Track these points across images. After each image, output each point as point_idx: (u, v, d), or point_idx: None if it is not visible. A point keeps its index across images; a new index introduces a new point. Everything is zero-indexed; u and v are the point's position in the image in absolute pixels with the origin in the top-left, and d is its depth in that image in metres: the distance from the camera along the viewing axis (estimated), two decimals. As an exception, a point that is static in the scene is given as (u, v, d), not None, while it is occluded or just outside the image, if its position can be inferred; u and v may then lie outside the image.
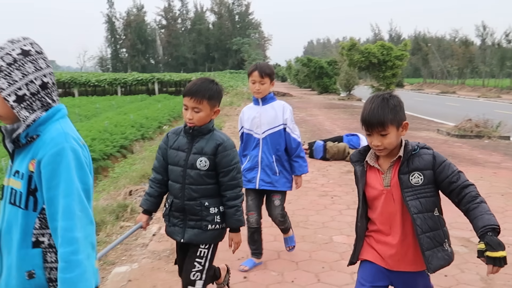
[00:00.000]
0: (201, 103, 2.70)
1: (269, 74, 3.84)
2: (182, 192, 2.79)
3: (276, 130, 3.91)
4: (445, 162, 2.26)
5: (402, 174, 2.26)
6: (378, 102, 2.22)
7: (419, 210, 2.23)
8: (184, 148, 2.81)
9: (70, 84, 36.76)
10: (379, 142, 2.22)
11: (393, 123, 2.20)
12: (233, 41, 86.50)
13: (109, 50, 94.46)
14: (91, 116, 19.16)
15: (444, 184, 2.24)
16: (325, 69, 37.24)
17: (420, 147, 2.30)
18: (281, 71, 78.10)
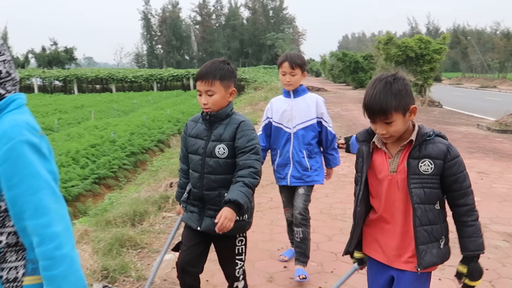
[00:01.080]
0: (213, 85, 2.56)
1: (300, 65, 3.59)
2: (201, 181, 2.65)
3: (309, 124, 3.70)
4: (458, 158, 2.08)
5: (412, 159, 2.08)
6: (381, 87, 2.00)
7: (421, 200, 2.07)
8: (202, 136, 2.68)
9: (108, 80, 37.58)
10: (383, 130, 2.04)
11: (398, 110, 1.98)
12: (267, 36, 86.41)
13: (145, 46, 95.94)
14: (128, 112, 19.60)
15: (448, 181, 2.07)
16: (361, 64, 36.85)
17: (436, 134, 2.11)
18: (315, 66, 77.65)
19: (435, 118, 16.24)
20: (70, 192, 7.53)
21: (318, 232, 4.76)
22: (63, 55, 57.53)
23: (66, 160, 8.76)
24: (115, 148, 10.54)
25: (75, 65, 60.42)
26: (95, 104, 22.86)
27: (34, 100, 26.25)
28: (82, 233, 4.10)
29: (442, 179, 2.08)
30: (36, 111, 18.47)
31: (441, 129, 12.97)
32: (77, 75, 37.25)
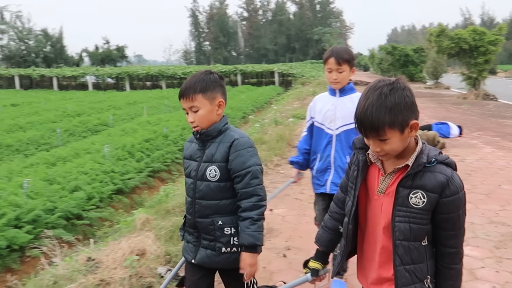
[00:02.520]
0: (195, 100, 2.32)
1: (347, 60, 3.21)
2: (193, 207, 2.42)
3: (353, 127, 3.20)
4: (458, 195, 1.76)
5: (402, 187, 1.78)
6: (373, 99, 1.69)
7: (405, 237, 1.79)
8: (196, 157, 2.44)
9: (158, 77, 38.46)
10: (377, 148, 1.76)
11: (393, 127, 1.68)
12: (314, 31, 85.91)
13: (193, 43, 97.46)
14: (179, 107, 20.01)
15: (438, 218, 1.79)
16: (411, 57, 36.04)
17: (439, 161, 1.78)
18: (364, 60, 76.47)
19: (490, 112, 15.75)
20: (127, 184, 7.85)
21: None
22: (115, 53, 59.33)
23: (123, 154, 9.12)
24: (167, 142, 10.85)
25: (126, 62, 62.14)
26: (146, 100, 23.51)
27: (89, 97, 27.27)
28: (144, 221, 4.34)
29: (434, 214, 1.79)
30: (92, 107, 19.23)
31: (496, 123, 12.65)
32: (129, 73, 38.34)
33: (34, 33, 56.19)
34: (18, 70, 39.91)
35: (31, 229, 5.19)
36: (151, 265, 3.42)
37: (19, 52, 52.98)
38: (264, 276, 3.74)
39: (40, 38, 55.58)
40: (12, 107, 20.39)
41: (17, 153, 10.28)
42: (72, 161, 8.28)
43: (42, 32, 56.63)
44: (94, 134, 12.90)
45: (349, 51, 3.31)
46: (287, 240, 4.50)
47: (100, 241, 4.85)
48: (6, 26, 54.62)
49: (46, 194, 6.10)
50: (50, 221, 5.53)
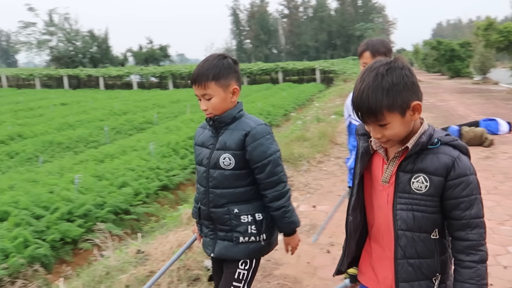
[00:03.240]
0: (208, 87, 2.20)
1: (384, 53, 3.03)
2: (207, 197, 2.31)
3: None
4: (467, 178, 1.59)
5: (402, 172, 1.65)
6: (369, 81, 1.56)
7: (408, 227, 1.64)
8: (208, 144, 2.33)
9: (200, 76, 38.97)
10: (378, 134, 1.62)
11: (393, 109, 1.55)
12: (356, 27, 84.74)
13: (234, 41, 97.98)
14: (221, 105, 20.27)
15: (447, 204, 1.61)
16: (457, 52, 35.01)
17: (444, 142, 1.62)
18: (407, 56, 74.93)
19: (541, 107, 15.14)
20: (172, 180, 8.03)
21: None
22: (158, 52, 60.38)
23: (167, 151, 9.33)
24: (211, 139, 11.02)
25: (169, 62, 63.16)
26: (189, 98, 23.86)
27: (134, 96, 27.94)
28: (190, 216, 4.44)
29: (442, 201, 1.63)
30: (137, 106, 19.71)
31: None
32: (172, 71, 39.01)
33: (81, 34, 57.94)
34: (66, 71, 41.29)
35: (82, 223, 5.41)
36: (198, 258, 3.53)
37: (67, 53, 54.76)
38: (308, 271, 3.77)
39: (87, 39, 57.25)
40: (61, 106, 21.15)
41: (68, 150, 10.68)
42: (119, 158, 8.54)
43: (89, 33, 58.32)
44: (139, 132, 13.23)
45: (386, 44, 3.13)
46: (330, 236, 4.51)
47: (147, 235, 5.00)
48: (55, 28, 56.55)
49: (96, 190, 6.33)
50: (100, 216, 5.75)
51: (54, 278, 4.45)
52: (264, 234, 2.30)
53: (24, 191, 5.92)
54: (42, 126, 13.45)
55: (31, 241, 4.69)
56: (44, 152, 10.16)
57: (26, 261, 4.43)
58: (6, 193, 6.04)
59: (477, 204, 1.61)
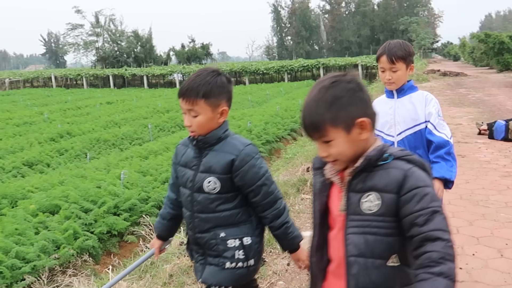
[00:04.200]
0: (196, 104, 2.06)
1: (403, 57, 2.82)
2: (192, 222, 2.20)
3: (417, 130, 2.89)
4: (420, 189, 1.42)
5: (352, 192, 1.51)
6: (313, 95, 1.49)
7: (360, 252, 1.47)
8: (191, 165, 2.19)
9: (241, 73, 39.21)
10: (324, 152, 1.52)
11: (336, 125, 1.45)
12: (400, 21, 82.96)
13: (275, 38, 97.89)
14: (262, 102, 20.36)
15: (405, 223, 1.42)
16: (507, 45, 33.75)
17: (396, 156, 1.49)
18: (453, 50, 72.80)
19: None
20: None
21: (458, 217, 4.71)
22: (200, 51, 61.19)
23: (209, 148, 9.49)
24: (251, 136, 11.10)
25: (210, 60, 63.87)
26: (230, 96, 24.08)
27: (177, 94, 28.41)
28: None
29: (400, 221, 1.45)
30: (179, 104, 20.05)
31: None
32: (213, 70, 39.46)
33: (126, 34, 59.39)
34: (112, 70, 42.44)
35: (128, 216, 5.61)
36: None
37: (113, 53, 56.29)
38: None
39: (131, 39, 58.63)
40: (107, 105, 21.78)
41: (114, 147, 11.03)
42: (163, 155, 8.76)
43: (133, 34, 59.69)
44: (182, 129, 13.48)
45: (406, 46, 2.90)
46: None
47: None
48: (101, 29, 58.18)
49: (140, 185, 6.53)
50: (144, 210, 5.93)
51: (102, 269, 4.65)
52: (252, 259, 2.19)
53: (73, 186, 6.18)
54: (89, 124, 13.92)
55: (80, 233, 4.90)
56: (92, 149, 10.53)
57: (76, 252, 4.64)
58: (57, 187, 6.32)
59: (437, 217, 1.39)
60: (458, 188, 5.68)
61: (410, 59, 2.87)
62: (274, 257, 3.84)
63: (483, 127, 9.42)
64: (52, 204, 5.60)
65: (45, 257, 4.36)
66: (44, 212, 5.40)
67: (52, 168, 8.96)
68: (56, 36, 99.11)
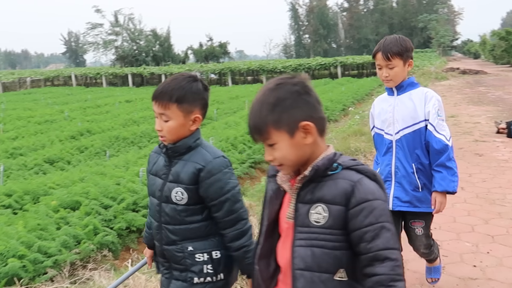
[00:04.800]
0: (168, 108, 1.99)
1: (399, 53, 2.73)
2: (160, 233, 2.12)
3: (416, 129, 2.80)
4: (369, 203, 1.38)
5: (301, 203, 1.47)
6: (258, 97, 1.46)
7: (306, 266, 1.42)
8: (161, 174, 2.12)
9: (259, 72, 39.26)
10: (270, 156, 1.47)
11: (279, 127, 1.41)
12: (419, 19, 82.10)
13: (293, 37, 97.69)
14: (279, 100, 20.43)
15: (353, 238, 1.40)
16: (528, 42, 33.26)
17: (345, 166, 1.44)
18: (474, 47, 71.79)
19: None
20: (230, 174, 8.24)
21: (474, 215, 4.71)
22: (217, 49, 61.40)
23: (226, 146, 9.58)
24: (268, 134, 11.19)
25: (228, 58, 64.05)
26: (248, 94, 24.17)
27: (195, 92, 28.59)
28: (247, 206, 4.62)
29: (349, 235, 1.41)
30: (197, 102, 20.21)
31: None
32: (231, 68, 39.56)
33: (145, 33, 59.86)
34: (130, 69, 42.87)
35: (146, 213, 5.71)
36: (253, 247, 3.68)
37: (132, 52, 56.81)
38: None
39: (150, 38, 59.10)
40: (126, 103, 22.04)
41: (132, 145, 11.19)
42: (181, 152, 8.86)
43: (152, 33, 60.15)
44: (200, 127, 13.58)
45: (402, 41, 2.80)
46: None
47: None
48: (120, 28, 58.77)
49: (159, 182, 6.64)
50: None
51: (121, 263, 4.76)
52: (221, 273, 2.10)
53: (93, 182, 6.31)
54: (108, 122, 14.13)
55: (100, 229, 5.02)
56: (111, 147, 10.70)
57: (96, 247, 4.75)
58: (77, 184, 6.46)
59: (385, 233, 1.37)
60: (474, 186, 5.68)
61: (407, 54, 2.78)
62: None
63: (502, 126, 9.33)
64: (73, 201, 5.73)
65: (66, 251, 4.48)
66: (65, 208, 5.53)
67: (72, 165, 9.14)
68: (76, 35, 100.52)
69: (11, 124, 14.67)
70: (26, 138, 11.92)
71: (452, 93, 17.75)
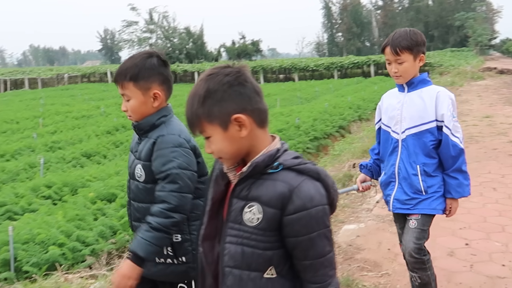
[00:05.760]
0: (125, 88, 2.04)
1: (408, 47, 2.60)
2: (129, 208, 2.20)
3: (423, 129, 2.65)
4: (307, 212, 1.33)
5: (236, 198, 1.42)
6: (192, 89, 1.43)
7: (235, 264, 1.40)
8: (134, 151, 2.18)
9: (291, 70, 39.25)
10: (208, 148, 1.44)
11: (211, 120, 1.37)
12: (456, 17, 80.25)
13: (325, 35, 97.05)
14: (310, 99, 20.39)
15: (288, 243, 1.38)
16: None
17: (287, 166, 1.37)
18: (512, 46, 69.78)
19: None
20: (261, 170, 8.36)
21: (505, 215, 4.71)
22: (250, 47, 61.57)
23: (257, 143, 9.69)
24: (299, 133, 11.23)
25: (260, 56, 64.15)
26: (279, 92, 24.25)
27: (227, 90, 28.84)
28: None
29: (283, 237, 1.38)
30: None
31: None
32: (263, 66, 39.67)
33: (178, 31, 60.56)
34: (164, 66, 43.44)
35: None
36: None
37: (165, 49, 57.51)
38: (388, 257, 3.90)
39: (183, 36, 59.76)
40: (160, 100, 22.39)
41: (166, 141, 11.41)
42: (213, 149, 9.02)
43: (185, 30, 60.80)
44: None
45: (413, 35, 2.65)
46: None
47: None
48: (154, 26, 59.67)
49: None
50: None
51: (155, 254, 4.94)
52: (183, 257, 2.08)
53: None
54: (143, 118, 14.43)
55: (135, 221, 5.21)
56: (146, 142, 10.96)
57: (131, 237, 4.94)
58: (113, 177, 6.69)
59: (321, 241, 1.36)
60: (507, 187, 5.63)
61: (418, 49, 2.63)
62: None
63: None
64: (109, 193, 5.94)
65: (103, 241, 4.67)
66: (102, 200, 5.74)
67: (108, 159, 9.41)
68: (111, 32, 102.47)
69: (50, 118, 15.17)
70: (64, 132, 12.32)
71: (488, 93, 17.38)
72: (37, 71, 46.47)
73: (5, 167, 8.14)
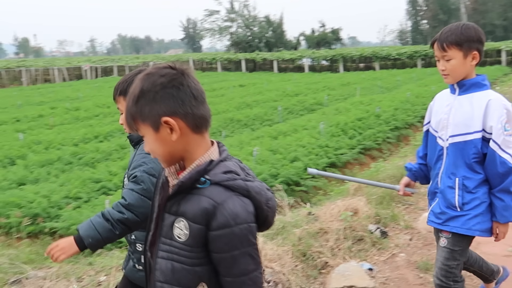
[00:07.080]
0: (118, 102, 2.18)
1: (457, 43, 2.33)
2: None
3: (468, 139, 2.36)
4: (230, 229, 1.30)
5: (167, 213, 1.41)
6: (132, 86, 1.41)
7: (166, 279, 1.38)
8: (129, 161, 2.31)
9: (371, 59, 38.39)
10: (145, 147, 1.44)
11: (143, 120, 1.36)
12: (555, 2, 74.37)
13: (409, 22, 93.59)
14: (392, 88, 19.91)
15: (213, 258, 1.36)
16: None
17: (214, 181, 1.33)
18: None
19: None
20: (340, 159, 8.40)
21: None
22: (330, 36, 60.80)
23: (336, 131, 9.71)
24: (379, 122, 11.08)
25: (340, 45, 63.12)
26: (359, 81, 23.86)
27: (306, 78, 28.86)
28: (357, 188, 4.78)
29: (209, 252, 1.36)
30: (308, 88, 20.45)
31: None
32: (343, 55, 39.11)
33: (258, 20, 61.02)
34: (244, 55, 44.15)
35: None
36: (363, 222, 3.87)
37: (245, 38, 58.30)
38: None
39: (263, 24, 60.16)
40: (240, 87, 22.90)
41: (246, 127, 11.74)
42: (291, 136, 9.19)
43: (265, 19, 61.16)
44: (310, 112, 13.82)
45: (465, 30, 2.36)
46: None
47: (315, 206, 5.47)
48: (235, 15, 60.54)
49: (271, 162, 7.01)
50: (274, 185, 6.38)
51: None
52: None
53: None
54: (224, 105, 14.88)
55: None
56: (226, 128, 11.33)
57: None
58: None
59: (244, 259, 1.34)
60: None
61: (469, 45, 2.35)
62: (397, 232, 4.02)
63: None
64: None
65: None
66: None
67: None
68: (194, 22, 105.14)
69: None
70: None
71: None
72: (124, 59, 49.01)
73: (99, 147, 8.81)
